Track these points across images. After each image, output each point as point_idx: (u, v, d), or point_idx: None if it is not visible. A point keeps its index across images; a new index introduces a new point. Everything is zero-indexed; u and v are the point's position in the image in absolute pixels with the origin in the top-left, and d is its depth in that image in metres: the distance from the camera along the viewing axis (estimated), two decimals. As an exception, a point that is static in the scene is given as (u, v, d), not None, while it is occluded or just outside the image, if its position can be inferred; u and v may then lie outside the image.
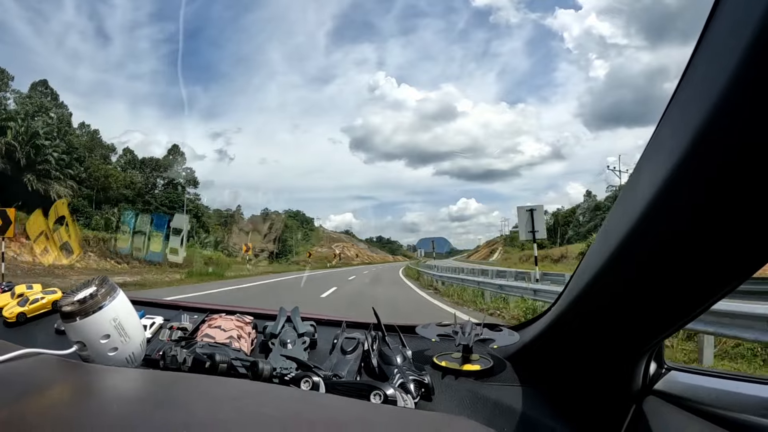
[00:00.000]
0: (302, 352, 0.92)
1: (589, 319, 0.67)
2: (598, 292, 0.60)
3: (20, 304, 1.12)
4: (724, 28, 0.36)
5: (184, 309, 1.14)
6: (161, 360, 0.80)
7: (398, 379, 0.77)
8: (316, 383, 0.70)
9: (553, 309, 0.78)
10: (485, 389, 0.81)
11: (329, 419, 0.54)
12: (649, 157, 0.47)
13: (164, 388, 0.62)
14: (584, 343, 0.70)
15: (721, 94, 0.34)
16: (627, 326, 0.61)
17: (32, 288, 1.19)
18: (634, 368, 0.69)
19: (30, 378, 0.61)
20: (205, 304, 1.23)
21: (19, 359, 0.65)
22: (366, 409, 0.61)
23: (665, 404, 0.67)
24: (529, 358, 0.85)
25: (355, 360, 0.88)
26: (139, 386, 0.64)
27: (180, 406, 0.55)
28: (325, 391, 0.69)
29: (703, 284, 0.47)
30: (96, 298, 0.74)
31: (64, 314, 0.73)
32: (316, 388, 0.70)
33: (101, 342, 0.74)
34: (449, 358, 0.88)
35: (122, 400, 0.57)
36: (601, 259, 0.55)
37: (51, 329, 1.06)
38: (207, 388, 0.61)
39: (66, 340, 1.00)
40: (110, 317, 0.75)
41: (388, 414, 0.59)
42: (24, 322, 1.10)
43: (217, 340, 0.90)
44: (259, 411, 0.55)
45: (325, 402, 0.62)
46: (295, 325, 0.99)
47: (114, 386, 0.63)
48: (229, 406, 0.55)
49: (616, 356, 0.68)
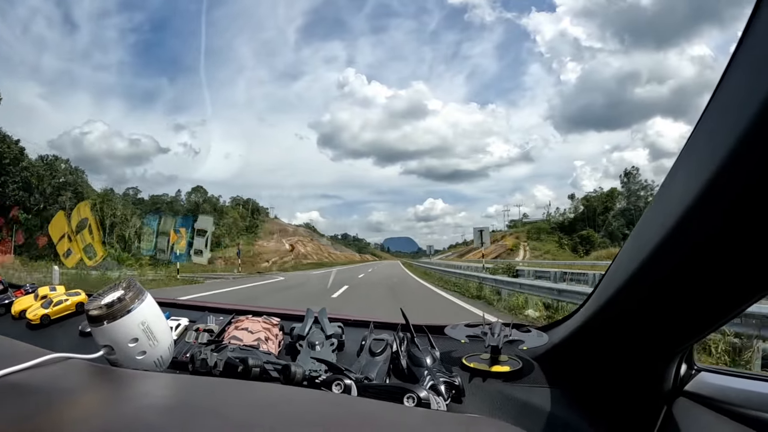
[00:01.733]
0: (330, 353, 0.90)
1: (622, 321, 0.66)
2: (631, 294, 0.60)
3: (44, 305, 1.12)
4: (765, 32, 0.36)
5: (209, 310, 1.13)
6: (190, 363, 0.79)
7: (429, 380, 0.76)
8: (348, 386, 0.69)
9: (583, 310, 0.77)
10: (514, 390, 0.80)
11: (365, 424, 0.54)
12: (684, 162, 0.48)
13: (199, 394, 0.60)
14: (616, 344, 0.70)
15: (763, 101, 0.34)
16: (660, 329, 0.61)
17: (55, 290, 1.19)
18: (665, 370, 0.68)
19: (60, 383, 0.60)
20: (230, 305, 1.21)
21: (48, 364, 0.64)
22: (400, 413, 0.60)
23: (696, 405, 0.66)
24: (557, 359, 0.84)
25: (384, 362, 0.87)
26: (173, 392, 0.62)
27: (217, 413, 0.53)
28: (357, 394, 0.68)
29: (738, 288, 0.48)
30: (124, 301, 0.72)
31: (91, 318, 0.72)
32: (347, 391, 0.69)
33: (129, 346, 0.73)
34: (478, 359, 0.87)
35: (157, 407, 0.56)
36: (635, 262, 0.55)
37: (75, 331, 1.06)
38: (242, 394, 0.60)
39: (91, 342, 1.00)
40: (138, 321, 0.73)
41: (422, 417, 0.59)
42: (48, 324, 1.10)
43: (244, 342, 0.89)
44: (296, 417, 0.54)
45: (360, 406, 0.61)
46: (322, 326, 0.97)
47: (147, 392, 0.62)
48: (267, 413, 0.54)
49: (648, 358, 0.67)
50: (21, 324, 1.11)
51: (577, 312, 0.81)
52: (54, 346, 0.92)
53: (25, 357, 0.63)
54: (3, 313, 1.17)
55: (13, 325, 1.12)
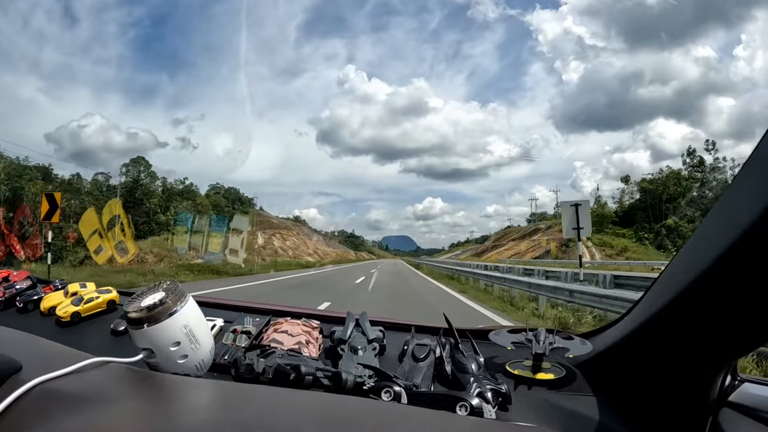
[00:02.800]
0: (373, 358, 0.88)
1: (675, 331, 0.65)
2: (689, 304, 0.59)
3: (74, 303, 1.09)
4: None
5: (245, 310, 1.11)
6: (233, 368, 0.77)
7: (475, 388, 0.74)
8: (398, 393, 0.67)
9: (629, 317, 0.76)
10: (560, 398, 0.79)
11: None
12: (752, 172, 0.48)
13: (251, 402, 0.57)
14: (666, 354, 0.68)
15: None
16: (715, 340, 0.60)
17: (86, 287, 1.17)
18: (711, 380, 0.67)
19: (104, 389, 0.57)
20: (267, 305, 1.19)
21: (88, 369, 0.61)
22: (455, 422, 0.58)
23: (741, 416, 0.66)
24: (601, 367, 0.82)
25: (428, 367, 0.85)
26: (223, 401, 0.59)
27: (272, 423, 0.51)
28: (407, 402, 0.67)
29: None
30: (166, 304, 0.70)
31: (131, 320, 0.70)
32: (397, 399, 0.67)
33: (171, 349, 0.71)
34: (521, 366, 0.86)
35: (210, 417, 0.53)
36: (693, 271, 0.54)
37: (106, 330, 1.04)
38: (296, 403, 0.57)
39: (124, 342, 0.99)
40: (181, 324, 0.71)
41: (477, 426, 0.57)
42: (78, 321, 1.08)
43: (285, 345, 0.86)
44: (355, 427, 0.51)
45: (414, 414, 0.59)
46: (364, 329, 0.95)
47: (197, 400, 0.59)
48: (325, 423, 0.51)
49: (697, 369, 0.66)
50: (50, 321, 1.09)
51: (621, 320, 0.80)
52: (85, 345, 0.90)
53: (64, 360, 0.60)
54: (32, 309, 1.15)
55: (42, 322, 1.10)
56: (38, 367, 0.57)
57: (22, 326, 0.84)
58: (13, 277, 1.24)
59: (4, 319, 1.09)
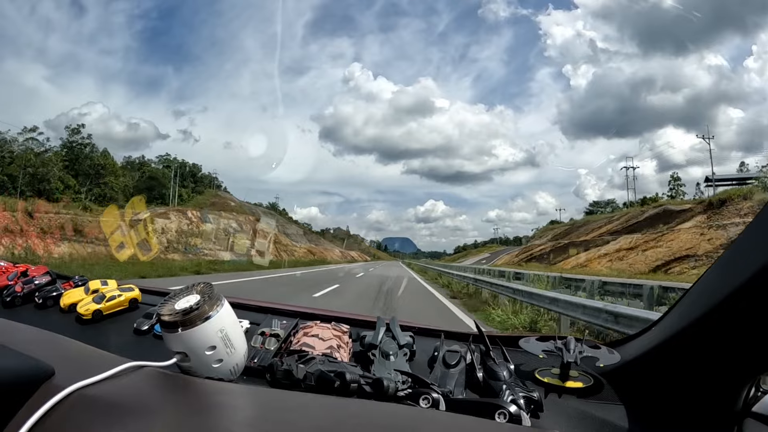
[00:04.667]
0: (405, 364, 0.87)
1: (704, 344, 0.65)
2: (721, 317, 0.59)
3: (96, 300, 1.08)
4: None
5: (271, 312, 1.10)
6: (267, 373, 0.76)
7: (508, 395, 0.74)
8: (436, 400, 0.67)
9: (658, 328, 0.76)
10: (589, 407, 0.79)
11: None
12: None
13: (296, 410, 0.56)
14: (694, 366, 0.69)
15: None
16: (746, 354, 0.61)
17: (107, 284, 1.15)
18: (737, 391, 0.67)
19: (141, 396, 0.56)
20: (294, 306, 1.18)
21: (123, 374, 0.60)
22: (495, 429, 0.60)
23: (764, 427, 0.67)
24: (629, 377, 0.82)
25: (459, 374, 0.85)
26: (267, 408, 0.57)
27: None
28: (445, 409, 0.67)
29: None
30: (202, 308, 0.69)
31: (165, 324, 0.69)
32: (435, 406, 0.67)
33: (207, 353, 0.69)
34: (550, 374, 0.86)
35: (253, 426, 0.51)
36: (730, 285, 0.54)
37: (128, 329, 1.02)
38: (342, 411, 0.57)
39: (147, 341, 0.98)
40: (217, 328, 0.70)
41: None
42: (100, 319, 1.06)
43: (317, 350, 0.85)
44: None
45: (456, 422, 0.59)
46: (395, 334, 0.94)
47: (246, 412, 0.57)
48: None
49: (725, 381, 0.66)
50: (70, 318, 1.07)
51: (649, 329, 0.80)
52: (108, 345, 0.90)
53: (96, 364, 0.59)
54: (51, 305, 1.13)
55: (62, 319, 1.08)
56: (71, 371, 0.56)
57: (42, 323, 0.82)
58: (31, 271, 1.22)
59: (22, 315, 1.08)
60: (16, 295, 1.12)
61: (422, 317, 6.76)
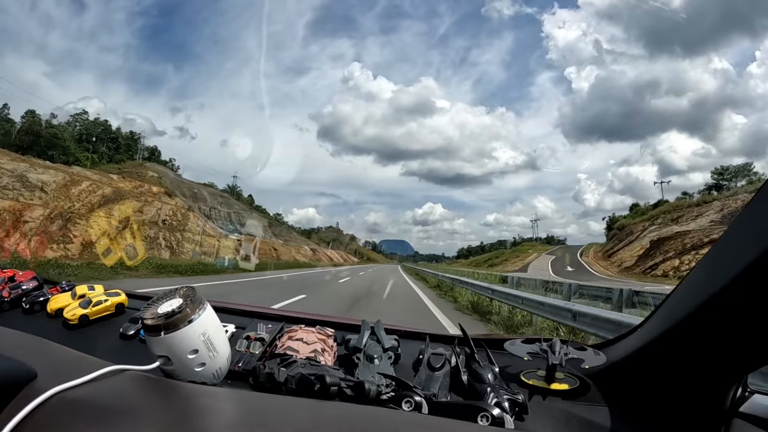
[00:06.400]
0: (389, 367, 0.87)
1: (690, 344, 0.65)
2: (706, 317, 0.58)
3: (82, 305, 1.08)
4: None
5: (256, 316, 1.10)
6: (250, 376, 0.76)
7: (492, 397, 0.75)
8: (419, 403, 0.67)
9: (643, 329, 0.76)
10: (574, 409, 0.79)
11: None
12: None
13: (278, 414, 0.56)
14: (680, 366, 0.69)
15: None
16: (733, 354, 0.61)
17: (94, 289, 1.15)
18: (724, 391, 0.68)
19: (123, 399, 0.56)
20: (279, 311, 1.19)
21: (106, 377, 0.60)
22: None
23: (752, 427, 0.67)
24: (615, 378, 0.83)
25: (444, 377, 0.85)
26: (247, 411, 0.57)
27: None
28: (427, 412, 0.67)
29: None
30: (184, 311, 0.69)
31: (148, 327, 0.69)
32: (418, 409, 0.67)
33: (189, 357, 0.70)
34: (535, 376, 0.87)
35: (235, 428, 0.52)
36: (714, 285, 0.54)
37: (115, 333, 1.02)
38: (324, 414, 0.57)
39: (133, 346, 0.98)
40: (199, 332, 0.70)
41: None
42: (86, 324, 1.06)
43: (301, 353, 0.86)
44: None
45: (437, 425, 0.59)
46: (379, 338, 0.94)
47: (228, 415, 0.57)
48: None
49: (712, 381, 0.67)
50: (57, 323, 1.07)
51: (634, 331, 0.80)
52: (95, 349, 0.90)
53: (79, 367, 0.60)
54: (38, 310, 1.13)
55: (49, 324, 1.07)
56: (53, 374, 0.56)
57: (29, 328, 0.82)
58: (18, 277, 1.21)
59: (9, 320, 1.07)
60: (3, 300, 1.11)
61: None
